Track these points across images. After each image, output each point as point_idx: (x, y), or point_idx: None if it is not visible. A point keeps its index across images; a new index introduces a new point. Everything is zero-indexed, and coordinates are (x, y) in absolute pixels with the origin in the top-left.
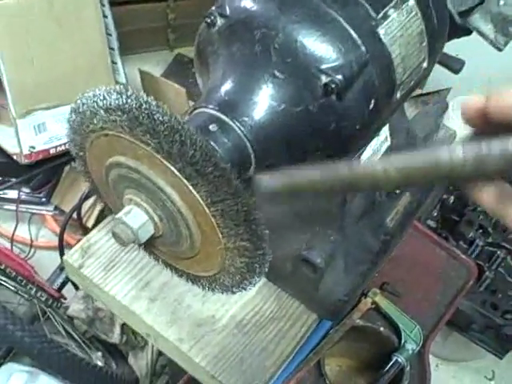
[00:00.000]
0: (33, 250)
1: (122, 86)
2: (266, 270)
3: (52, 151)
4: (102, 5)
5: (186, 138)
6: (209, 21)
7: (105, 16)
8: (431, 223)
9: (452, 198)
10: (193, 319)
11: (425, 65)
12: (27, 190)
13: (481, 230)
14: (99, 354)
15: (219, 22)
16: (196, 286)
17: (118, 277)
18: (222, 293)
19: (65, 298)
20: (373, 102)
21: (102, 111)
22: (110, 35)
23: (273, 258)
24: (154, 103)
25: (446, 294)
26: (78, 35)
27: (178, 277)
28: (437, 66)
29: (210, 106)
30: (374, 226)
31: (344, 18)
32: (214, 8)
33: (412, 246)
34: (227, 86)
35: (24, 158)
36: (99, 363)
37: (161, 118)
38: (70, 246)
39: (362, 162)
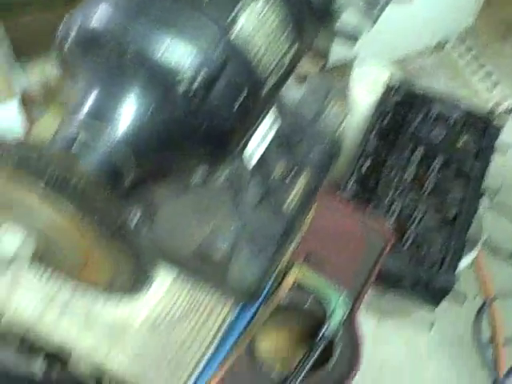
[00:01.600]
0: None
1: None
2: (155, 272)
3: None
4: None
5: (43, 153)
6: (59, 38)
7: None
8: (348, 192)
9: (368, 161)
10: (105, 326)
11: (293, 51)
12: None
13: (398, 190)
14: (39, 360)
15: (72, 36)
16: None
17: (23, 294)
18: (121, 298)
19: None
20: (239, 101)
21: None
22: None
23: (178, 254)
24: None
25: (367, 260)
26: None
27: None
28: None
29: (76, 121)
30: (274, 210)
31: (197, 20)
32: (62, 24)
33: (330, 217)
34: (90, 98)
35: None
36: (40, 371)
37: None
38: None
39: None
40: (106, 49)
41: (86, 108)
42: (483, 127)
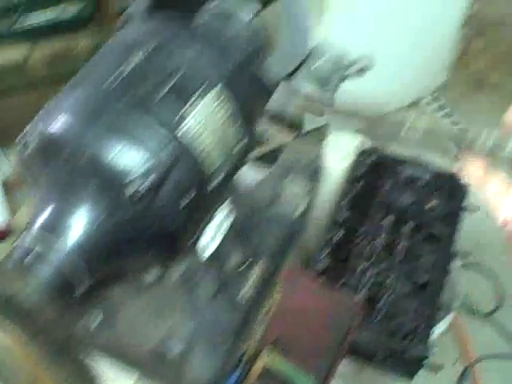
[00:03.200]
0: None
1: None
2: None
3: None
4: None
5: None
6: (22, 143)
7: None
8: (320, 265)
9: (340, 232)
10: None
11: (242, 145)
12: None
13: (370, 260)
14: None
15: (32, 143)
16: None
17: None
18: None
19: None
20: (185, 199)
21: None
22: None
23: (135, 355)
24: None
25: (335, 338)
26: None
27: None
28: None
29: (31, 233)
30: (230, 301)
31: (145, 123)
32: (26, 129)
33: (296, 296)
34: (45, 210)
35: None
36: None
37: None
38: None
39: None
40: (63, 155)
41: (40, 220)
42: (451, 188)
